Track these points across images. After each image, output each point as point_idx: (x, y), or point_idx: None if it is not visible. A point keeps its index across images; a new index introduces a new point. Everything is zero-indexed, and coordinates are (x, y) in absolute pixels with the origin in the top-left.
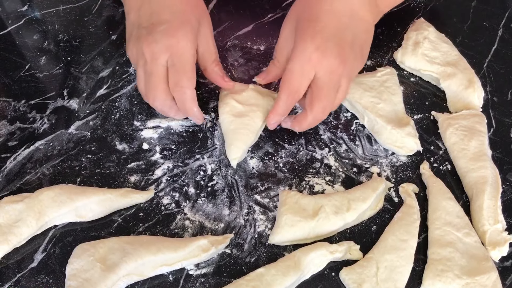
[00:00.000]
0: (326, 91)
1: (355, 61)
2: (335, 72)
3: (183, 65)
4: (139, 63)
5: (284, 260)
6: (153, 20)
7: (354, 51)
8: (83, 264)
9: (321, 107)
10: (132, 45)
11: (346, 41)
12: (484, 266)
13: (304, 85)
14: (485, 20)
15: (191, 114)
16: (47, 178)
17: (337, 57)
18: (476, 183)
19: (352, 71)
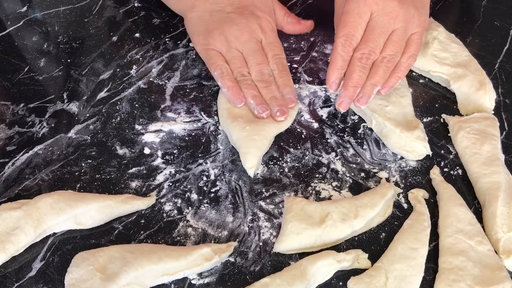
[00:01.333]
0: (378, 32)
1: (416, 10)
2: (391, 14)
3: (277, 40)
4: (235, 44)
5: (290, 269)
6: (236, 5)
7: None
8: (83, 273)
9: (368, 50)
10: (217, 33)
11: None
12: (497, 275)
13: (361, 27)
14: (496, 19)
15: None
16: (46, 184)
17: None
18: (489, 189)
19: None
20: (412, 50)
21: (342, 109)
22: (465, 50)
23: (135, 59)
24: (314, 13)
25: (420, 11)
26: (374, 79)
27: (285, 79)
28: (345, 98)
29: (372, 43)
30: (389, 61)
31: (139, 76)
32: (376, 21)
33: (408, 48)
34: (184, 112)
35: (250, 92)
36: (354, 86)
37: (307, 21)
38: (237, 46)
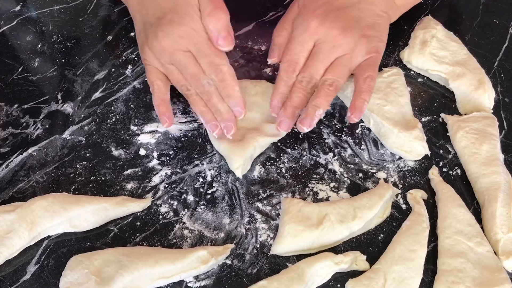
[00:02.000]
0: (318, 59)
1: (363, 38)
2: (332, 43)
3: (207, 46)
4: (163, 60)
5: (287, 271)
6: (157, 14)
7: (359, 28)
8: (78, 277)
9: (307, 75)
10: (147, 48)
11: (349, 16)
12: (497, 277)
13: (302, 54)
14: (495, 17)
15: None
16: (41, 186)
17: (336, 28)
18: (488, 189)
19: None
20: (368, 72)
21: (281, 129)
22: (464, 48)
23: (130, 59)
24: None
25: (369, 38)
26: (315, 101)
27: (227, 89)
28: (283, 118)
29: (312, 69)
30: (330, 84)
31: (134, 76)
32: (318, 49)
33: (363, 71)
34: (180, 112)
35: (197, 108)
36: (292, 106)
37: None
38: (165, 61)
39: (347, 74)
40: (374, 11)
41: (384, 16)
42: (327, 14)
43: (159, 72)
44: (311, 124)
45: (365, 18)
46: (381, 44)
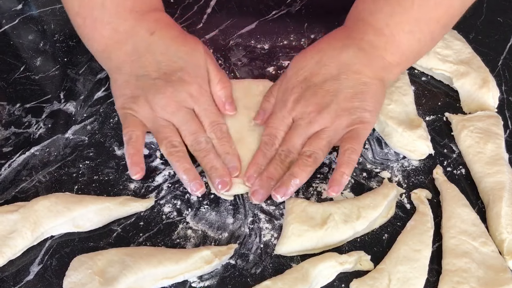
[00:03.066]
0: (296, 133)
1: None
2: (308, 120)
3: (212, 105)
4: (161, 114)
5: (291, 272)
6: (162, 70)
7: (337, 102)
8: (81, 277)
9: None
10: (142, 100)
11: (326, 91)
12: (502, 277)
13: (281, 129)
14: (499, 15)
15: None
16: (44, 185)
17: (312, 105)
18: (493, 188)
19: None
20: (348, 145)
21: (254, 199)
22: (468, 47)
23: None
24: (314, 9)
25: (350, 111)
26: (292, 170)
27: (225, 146)
28: (257, 187)
29: (289, 143)
30: (308, 156)
31: None
32: (296, 125)
33: (344, 143)
34: None
35: (182, 166)
36: (268, 176)
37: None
38: (164, 116)
39: (326, 146)
40: (359, 79)
41: (371, 82)
42: (303, 92)
43: (141, 124)
44: (285, 193)
45: (344, 90)
46: (366, 114)
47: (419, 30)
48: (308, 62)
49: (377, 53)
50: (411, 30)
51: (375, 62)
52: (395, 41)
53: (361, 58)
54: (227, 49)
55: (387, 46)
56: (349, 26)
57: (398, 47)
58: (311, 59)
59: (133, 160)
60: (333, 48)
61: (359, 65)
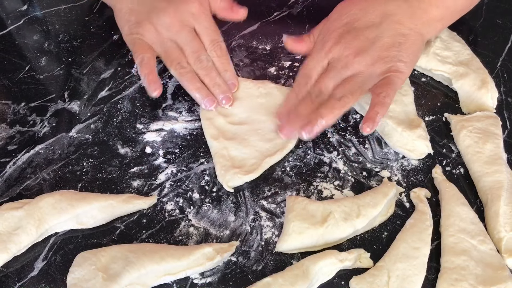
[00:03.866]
0: (329, 76)
1: (375, 60)
2: (343, 63)
3: (212, 24)
4: (167, 35)
5: (292, 269)
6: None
7: (374, 49)
8: (85, 273)
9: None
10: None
11: (366, 37)
12: (500, 275)
13: (316, 70)
14: (498, 17)
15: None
16: (48, 183)
17: (349, 48)
18: (491, 188)
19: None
20: (382, 90)
21: (282, 135)
22: (467, 48)
23: None
24: (315, 10)
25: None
26: (319, 110)
27: (224, 64)
28: (285, 124)
29: (322, 84)
30: (338, 98)
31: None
32: (331, 67)
33: (378, 88)
34: (186, 111)
35: (194, 85)
36: (296, 114)
37: (239, 8)
38: (169, 37)
39: (358, 91)
40: (399, 30)
41: (410, 34)
42: (344, 34)
43: (149, 48)
44: (311, 132)
45: (383, 39)
46: (401, 64)
47: None
48: (353, 8)
49: (421, 6)
50: None
51: (417, 15)
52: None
53: (404, 10)
54: (229, 50)
55: (433, 0)
56: None
57: (443, 1)
58: (358, 5)
59: (149, 79)
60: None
61: (401, 16)
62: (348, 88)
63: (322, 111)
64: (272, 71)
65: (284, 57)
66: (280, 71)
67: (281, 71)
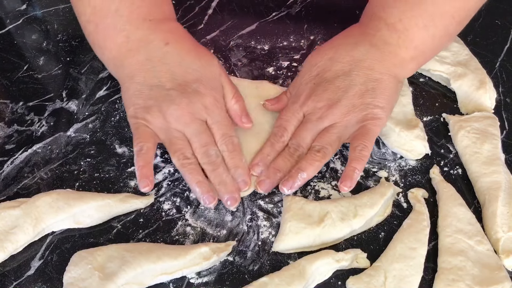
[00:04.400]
0: (305, 128)
1: (349, 109)
2: (318, 115)
3: (225, 118)
4: (175, 126)
5: (288, 268)
6: (178, 81)
7: (347, 98)
8: (81, 272)
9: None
10: (156, 110)
11: (338, 87)
12: (497, 275)
13: (291, 123)
14: (497, 18)
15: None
16: (45, 182)
17: (323, 101)
18: (489, 188)
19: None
20: (359, 142)
21: (260, 189)
22: (466, 48)
23: None
24: (314, 10)
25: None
26: (300, 164)
27: (235, 160)
28: (264, 178)
29: (299, 137)
30: (317, 150)
31: None
32: (307, 119)
33: (354, 140)
34: None
35: (195, 178)
36: (275, 168)
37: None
38: (177, 128)
39: (336, 142)
40: (370, 75)
41: (382, 78)
42: (314, 88)
43: (152, 136)
44: (292, 186)
45: (355, 86)
46: (377, 110)
47: (434, 25)
48: (322, 58)
49: (390, 49)
50: (425, 25)
51: (387, 58)
52: (408, 36)
53: (373, 54)
54: (228, 50)
55: (400, 41)
56: (364, 23)
57: (411, 42)
58: (325, 56)
59: (142, 173)
60: (346, 44)
61: (371, 61)
62: (326, 140)
63: (303, 165)
64: (270, 71)
65: (282, 57)
66: (278, 71)
67: (279, 71)
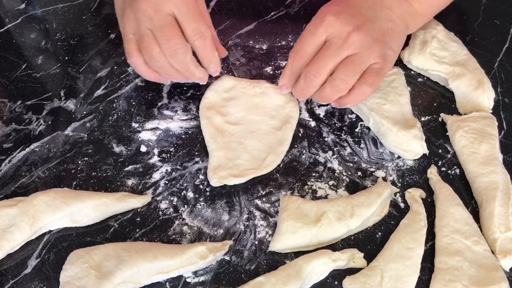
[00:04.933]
0: (328, 53)
1: (375, 43)
2: (345, 39)
3: (194, 11)
4: (143, 23)
5: (285, 268)
6: None
7: (373, 30)
8: (78, 271)
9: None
10: (129, 11)
11: (365, 16)
12: (494, 276)
13: (312, 45)
14: (496, 18)
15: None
16: (43, 181)
17: (351, 25)
18: (486, 188)
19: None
20: (369, 79)
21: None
22: (464, 48)
23: None
24: (312, 10)
25: (381, 44)
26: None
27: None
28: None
29: (321, 62)
30: (337, 83)
31: (136, 74)
32: (330, 43)
33: (365, 76)
34: (181, 110)
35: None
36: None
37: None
38: (145, 24)
39: (358, 74)
40: (390, 16)
41: (399, 23)
42: (342, 9)
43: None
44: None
45: (379, 21)
46: (390, 52)
47: None
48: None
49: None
50: None
51: (404, 5)
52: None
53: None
54: (226, 49)
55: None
56: None
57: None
58: None
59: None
60: None
61: (391, 2)
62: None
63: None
64: (269, 70)
65: (280, 57)
66: (276, 70)
67: (277, 70)
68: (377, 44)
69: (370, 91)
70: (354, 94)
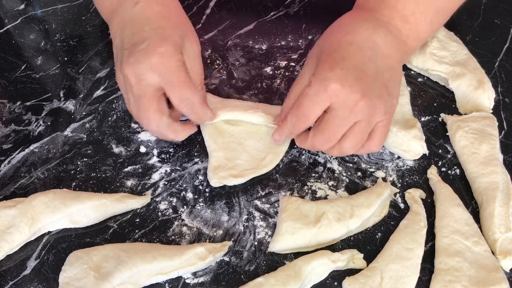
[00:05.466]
0: (335, 124)
1: (379, 99)
2: (352, 107)
3: (179, 79)
4: (126, 88)
5: (284, 269)
6: (134, 40)
7: (378, 88)
8: (77, 272)
9: (323, 138)
10: (118, 71)
11: (368, 75)
12: (494, 277)
13: (315, 113)
14: (496, 17)
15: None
16: (42, 182)
17: (356, 91)
18: (487, 189)
19: (377, 110)
20: (377, 140)
21: None
22: (464, 48)
23: None
24: (312, 10)
25: (385, 99)
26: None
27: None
28: None
29: (329, 133)
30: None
31: None
32: (336, 112)
33: (372, 138)
34: None
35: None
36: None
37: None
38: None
39: (366, 137)
40: (390, 64)
41: (398, 67)
42: (346, 75)
43: None
44: None
45: (382, 75)
46: (393, 102)
47: (437, 20)
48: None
49: (402, 38)
50: (431, 20)
51: (401, 47)
52: (417, 30)
53: (391, 42)
54: (225, 49)
55: (410, 33)
56: (372, 9)
57: (418, 35)
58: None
59: None
60: (364, 29)
61: (389, 49)
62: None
63: None
64: (268, 70)
65: (280, 57)
66: (276, 70)
67: (276, 70)
68: (381, 101)
69: (378, 149)
70: (362, 151)
